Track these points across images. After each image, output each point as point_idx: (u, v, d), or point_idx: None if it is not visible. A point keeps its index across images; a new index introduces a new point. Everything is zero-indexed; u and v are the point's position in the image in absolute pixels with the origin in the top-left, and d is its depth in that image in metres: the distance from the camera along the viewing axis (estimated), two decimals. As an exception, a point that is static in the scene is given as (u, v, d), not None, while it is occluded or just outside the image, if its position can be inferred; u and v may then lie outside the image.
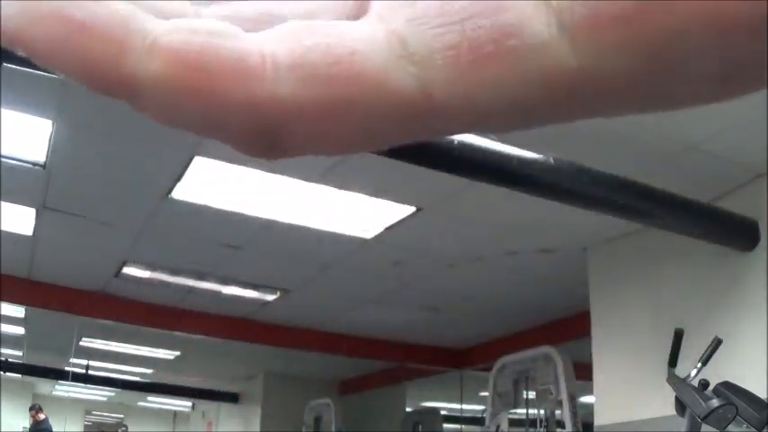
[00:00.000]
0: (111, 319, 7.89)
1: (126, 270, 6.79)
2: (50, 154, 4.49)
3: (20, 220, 5.62)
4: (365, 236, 5.53)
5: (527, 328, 7.75)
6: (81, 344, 9.93)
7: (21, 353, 11.92)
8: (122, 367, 12.42)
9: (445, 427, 10.73)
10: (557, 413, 5.98)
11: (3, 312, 8.36)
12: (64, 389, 15.42)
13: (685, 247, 4.42)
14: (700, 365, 2.96)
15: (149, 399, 17.18)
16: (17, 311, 8.61)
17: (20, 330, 9.91)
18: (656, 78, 0.17)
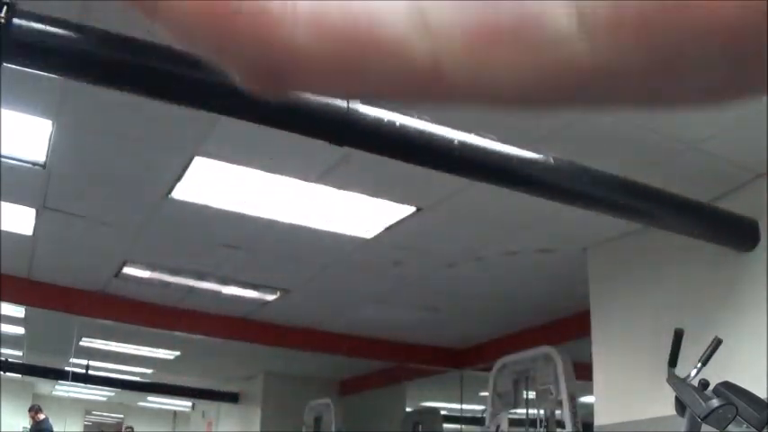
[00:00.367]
0: (111, 319, 7.89)
1: (126, 270, 6.78)
2: (50, 154, 4.48)
3: (20, 220, 5.62)
4: (365, 236, 5.53)
5: (527, 328, 7.74)
6: (81, 344, 9.93)
7: (21, 353, 11.92)
8: (122, 367, 12.42)
9: (445, 427, 10.72)
10: (557, 413, 5.98)
11: (3, 312, 8.36)
12: (64, 389, 15.42)
13: (685, 247, 4.42)
14: (700, 365, 2.95)
15: (149, 399, 17.19)
16: (17, 311, 8.61)
17: (20, 330, 9.90)
18: (665, 79, 0.17)
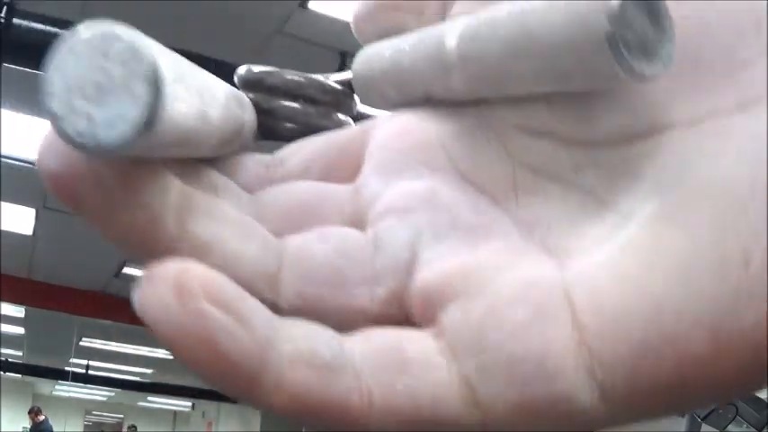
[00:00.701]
0: (111, 319, 7.89)
1: (126, 270, 6.79)
2: (50, 154, 4.49)
3: (20, 220, 5.63)
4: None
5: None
6: (81, 344, 9.94)
7: (21, 353, 11.95)
8: (122, 367, 12.45)
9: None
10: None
11: (3, 312, 8.37)
12: (64, 389, 15.43)
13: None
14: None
15: (149, 399, 17.20)
16: (17, 311, 8.62)
17: (20, 330, 9.92)
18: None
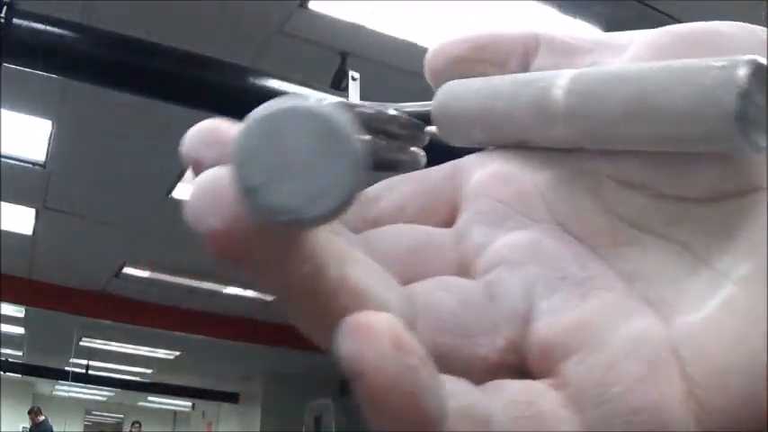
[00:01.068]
0: (111, 319, 7.89)
1: (126, 270, 6.79)
2: (50, 154, 4.48)
3: (20, 220, 5.62)
4: (365, 236, 5.53)
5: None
6: (81, 344, 9.93)
7: (21, 353, 11.94)
8: (122, 367, 12.44)
9: (445, 427, 10.72)
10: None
11: (3, 312, 8.36)
12: (64, 389, 15.42)
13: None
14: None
15: (149, 399, 17.20)
16: (17, 311, 8.61)
17: (20, 330, 9.91)
18: None
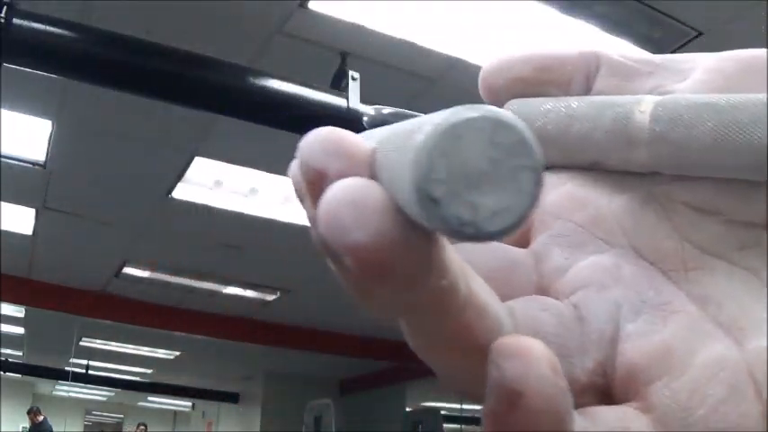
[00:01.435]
0: (111, 319, 7.89)
1: (126, 270, 6.79)
2: (50, 154, 4.48)
3: (20, 220, 5.62)
4: (365, 236, 5.52)
5: (527, 328, 7.74)
6: (81, 344, 9.93)
7: (21, 353, 11.93)
8: (122, 367, 12.43)
9: (445, 427, 10.73)
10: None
11: (3, 312, 8.37)
12: (64, 389, 15.43)
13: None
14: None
15: (149, 399, 17.19)
16: (17, 311, 8.61)
17: (20, 330, 9.91)
18: None
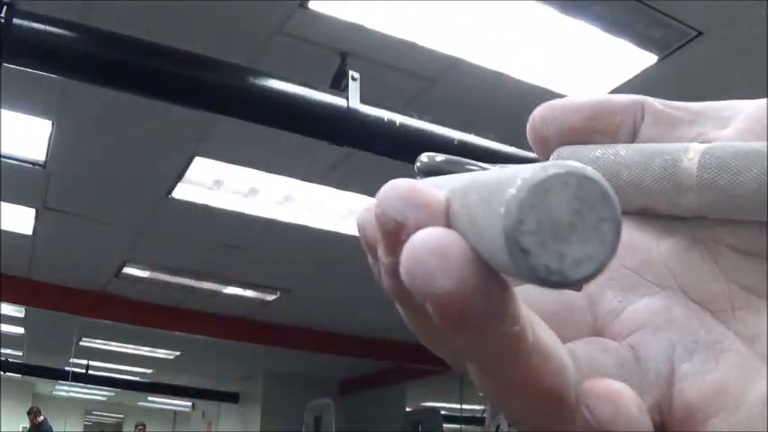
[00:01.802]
0: (111, 319, 7.89)
1: (126, 270, 6.79)
2: (50, 154, 4.49)
3: (20, 219, 5.62)
4: (365, 236, 5.52)
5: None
6: (81, 344, 9.93)
7: (21, 353, 11.93)
8: (122, 367, 12.43)
9: (445, 427, 10.73)
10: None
11: (3, 312, 8.37)
12: (64, 389, 15.43)
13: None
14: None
15: (149, 399, 17.19)
16: (17, 311, 8.61)
17: (20, 330, 9.91)
18: None
